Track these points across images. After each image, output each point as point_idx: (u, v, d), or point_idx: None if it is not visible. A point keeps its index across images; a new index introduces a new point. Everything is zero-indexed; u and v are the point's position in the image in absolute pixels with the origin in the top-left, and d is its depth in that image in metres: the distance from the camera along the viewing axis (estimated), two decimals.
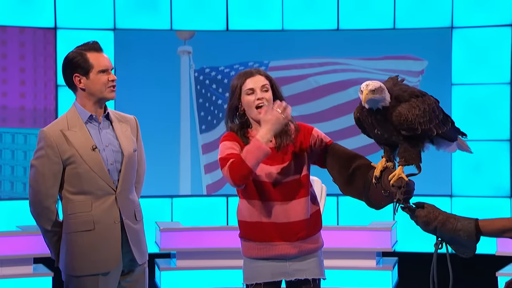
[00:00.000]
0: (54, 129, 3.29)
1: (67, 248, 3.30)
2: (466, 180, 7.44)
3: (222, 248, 6.25)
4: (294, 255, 3.25)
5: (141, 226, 3.40)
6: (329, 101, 7.60)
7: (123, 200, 3.31)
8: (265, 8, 7.71)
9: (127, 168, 3.32)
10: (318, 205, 3.33)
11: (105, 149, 3.29)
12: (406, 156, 2.75)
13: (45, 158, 3.25)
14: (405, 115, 2.69)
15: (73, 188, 3.27)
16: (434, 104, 2.77)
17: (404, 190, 2.73)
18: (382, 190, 2.86)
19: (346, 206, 7.60)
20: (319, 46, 7.66)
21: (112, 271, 3.29)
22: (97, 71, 3.27)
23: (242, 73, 3.28)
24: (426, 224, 2.65)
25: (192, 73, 7.71)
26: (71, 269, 3.30)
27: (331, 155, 3.23)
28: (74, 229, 3.28)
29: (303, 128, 3.29)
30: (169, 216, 7.64)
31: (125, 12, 7.58)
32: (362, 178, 3.06)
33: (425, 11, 7.58)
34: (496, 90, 7.47)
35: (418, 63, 7.60)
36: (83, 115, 3.30)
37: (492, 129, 7.36)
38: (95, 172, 3.25)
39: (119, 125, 3.36)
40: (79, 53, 3.30)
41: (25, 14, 7.33)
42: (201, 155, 7.73)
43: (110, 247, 3.27)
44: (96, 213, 3.26)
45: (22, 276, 6.03)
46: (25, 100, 7.31)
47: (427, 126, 2.72)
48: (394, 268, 6.43)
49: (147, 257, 3.42)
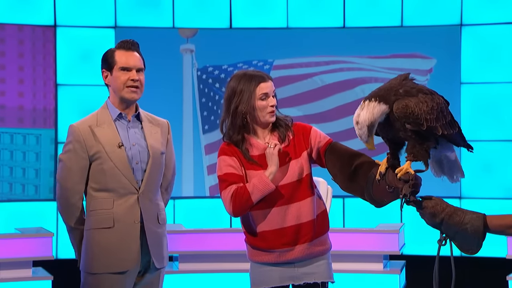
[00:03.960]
0: (83, 125, 3.34)
1: (87, 245, 3.33)
2: (476, 181, 7.41)
3: (225, 251, 6.23)
4: (302, 258, 3.23)
5: (163, 230, 3.42)
6: (335, 101, 7.60)
7: (146, 201, 3.33)
8: (269, 5, 7.72)
9: (152, 169, 3.35)
10: (324, 206, 3.33)
11: (132, 148, 3.32)
12: (415, 152, 2.73)
13: (72, 153, 3.31)
14: (411, 108, 2.66)
15: (97, 184, 3.31)
16: (444, 105, 2.75)
17: (412, 183, 2.69)
18: (387, 186, 2.82)
19: (353, 208, 7.59)
20: (324, 44, 7.65)
21: (129, 270, 3.30)
22: (119, 68, 3.31)
23: (252, 77, 3.24)
24: (433, 215, 2.61)
25: (195, 72, 7.73)
26: (89, 267, 3.33)
27: (331, 154, 3.21)
28: (94, 226, 3.31)
29: (301, 127, 3.31)
30: (172, 218, 7.62)
31: (126, 10, 7.58)
32: (364, 175, 3.03)
33: (433, 8, 7.57)
34: (506, 89, 7.45)
35: (427, 62, 7.59)
36: (113, 112, 3.35)
37: (502, 129, 7.33)
38: (119, 170, 3.28)
39: (149, 126, 3.40)
40: (112, 49, 3.39)
41: (24, 11, 7.35)
42: (204, 156, 7.74)
43: (128, 246, 3.29)
44: (117, 211, 3.30)
45: (21, 279, 5.98)
46: (24, 99, 7.33)
47: (433, 123, 2.69)
48: (401, 271, 6.41)
49: (166, 263, 3.43)
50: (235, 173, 3.20)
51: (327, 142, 3.25)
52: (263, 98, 3.21)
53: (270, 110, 3.22)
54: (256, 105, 3.21)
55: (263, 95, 3.21)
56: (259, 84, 3.22)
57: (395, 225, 6.53)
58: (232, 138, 3.24)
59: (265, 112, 3.22)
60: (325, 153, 3.22)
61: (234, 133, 3.24)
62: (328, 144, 3.24)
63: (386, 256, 6.36)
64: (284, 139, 3.24)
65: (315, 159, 3.27)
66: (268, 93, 3.22)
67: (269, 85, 3.24)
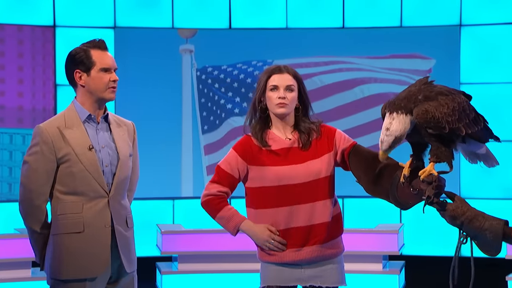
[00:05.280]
0: (51, 126, 3.23)
1: (54, 251, 3.23)
2: (475, 182, 7.40)
3: (224, 251, 6.22)
4: (309, 261, 3.23)
5: (131, 234, 3.35)
6: (335, 101, 7.59)
7: (116, 205, 3.26)
8: (269, 5, 7.71)
9: (122, 171, 3.28)
10: (339, 209, 3.31)
11: (101, 150, 3.25)
12: (439, 153, 2.71)
13: (39, 155, 3.19)
14: (432, 113, 2.64)
15: (65, 187, 3.21)
16: (465, 103, 2.72)
17: (435, 185, 2.69)
18: (411, 188, 2.80)
19: (352, 209, 7.57)
20: (324, 44, 7.65)
21: (99, 276, 3.23)
22: (99, 69, 3.23)
23: (271, 68, 3.30)
24: (453, 218, 2.61)
25: (194, 72, 7.71)
26: (57, 273, 3.22)
27: (355, 156, 3.20)
28: (62, 231, 3.21)
29: (327, 130, 3.30)
30: (171, 218, 7.62)
31: (125, 10, 7.57)
32: (389, 178, 3.01)
33: (432, 8, 7.57)
34: (506, 90, 7.45)
35: (426, 62, 7.58)
36: (82, 113, 3.26)
37: (502, 129, 7.27)
38: (90, 173, 3.20)
39: (117, 128, 3.33)
40: (83, 49, 3.26)
41: (23, 11, 7.34)
42: (203, 156, 7.73)
43: (98, 251, 3.21)
44: (86, 215, 3.21)
45: (20, 279, 5.97)
46: (23, 99, 7.32)
47: (456, 125, 2.66)
48: (401, 271, 6.39)
49: (135, 267, 3.36)
50: (227, 173, 3.26)
51: (351, 144, 3.24)
52: (272, 89, 3.23)
53: (278, 102, 3.20)
54: (267, 95, 3.24)
55: (272, 87, 3.23)
56: (271, 76, 3.25)
57: (395, 225, 6.53)
58: (252, 128, 3.27)
59: (273, 103, 3.22)
60: (349, 156, 3.22)
61: (254, 123, 3.28)
62: (352, 146, 3.23)
63: (385, 257, 6.36)
64: (304, 144, 3.24)
65: (339, 162, 3.26)
66: (277, 86, 3.22)
67: (282, 77, 3.24)
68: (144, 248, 6.72)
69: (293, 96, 3.24)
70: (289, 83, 3.24)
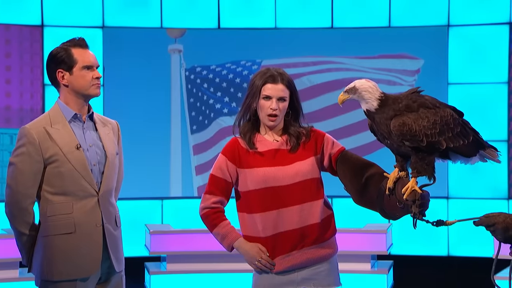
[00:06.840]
0: (37, 126, 3.21)
1: (44, 252, 3.20)
2: (463, 182, 7.42)
3: (213, 252, 6.19)
4: (300, 265, 3.20)
5: (119, 233, 3.34)
6: (323, 101, 7.59)
7: (105, 203, 3.26)
8: (257, 5, 7.71)
9: (110, 170, 3.27)
10: (331, 210, 3.29)
11: (89, 149, 3.24)
12: (418, 167, 2.70)
13: (26, 156, 3.17)
14: (409, 125, 2.63)
15: (53, 188, 3.20)
16: (450, 117, 2.70)
17: (419, 203, 2.67)
18: (397, 202, 2.80)
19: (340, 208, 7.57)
20: (312, 44, 7.65)
21: (90, 276, 3.22)
22: (81, 67, 3.22)
23: (266, 74, 3.23)
24: (505, 230, 2.52)
25: (183, 72, 7.70)
26: (48, 274, 3.20)
27: (342, 163, 3.20)
28: (53, 232, 3.19)
29: (316, 133, 3.27)
30: (159, 218, 7.61)
31: (114, 10, 7.55)
32: (375, 188, 3.00)
33: (421, 8, 7.58)
34: (494, 90, 7.46)
35: (414, 62, 7.60)
36: (67, 113, 3.24)
37: (490, 129, 7.34)
38: (79, 172, 3.18)
39: (102, 127, 3.32)
40: (63, 48, 3.24)
41: (11, 11, 7.30)
42: (192, 156, 7.72)
43: (90, 251, 3.21)
44: (77, 215, 3.19)
45: (7, 280, 5.93)
46: (10, 99, 7.29)
47: (435, 138, 2.65)
48: (389, 271, 6.40)
49: (124, 266, 3.36)
50: (220, 178, 3.22)
51: (339, 150, 3.22)
52: (264, 98, 3.19)
53: (269, 112, 3.18)
54: (259, 103, 3.20)
55: (265, 96, 3.19)
56: (265, 84, 3.20)
57: (383, 225, 6.52)
58: (240, 129, 3.25)
59: (265, 113, 3.19)
60: (336, 163, 3.21)
61: (243, 124, 3.25)
62: (340, 152, 3.21)
63: (373, 256, 6.36)
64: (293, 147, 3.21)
65: (326, 167, 3.24)
66: (270, 96, 3.18)
67: (276, 88, 3.18)
68: (133, 248, 6.70)
69: (284, 106, 3.20)
70: (282, 95, 3.18)
